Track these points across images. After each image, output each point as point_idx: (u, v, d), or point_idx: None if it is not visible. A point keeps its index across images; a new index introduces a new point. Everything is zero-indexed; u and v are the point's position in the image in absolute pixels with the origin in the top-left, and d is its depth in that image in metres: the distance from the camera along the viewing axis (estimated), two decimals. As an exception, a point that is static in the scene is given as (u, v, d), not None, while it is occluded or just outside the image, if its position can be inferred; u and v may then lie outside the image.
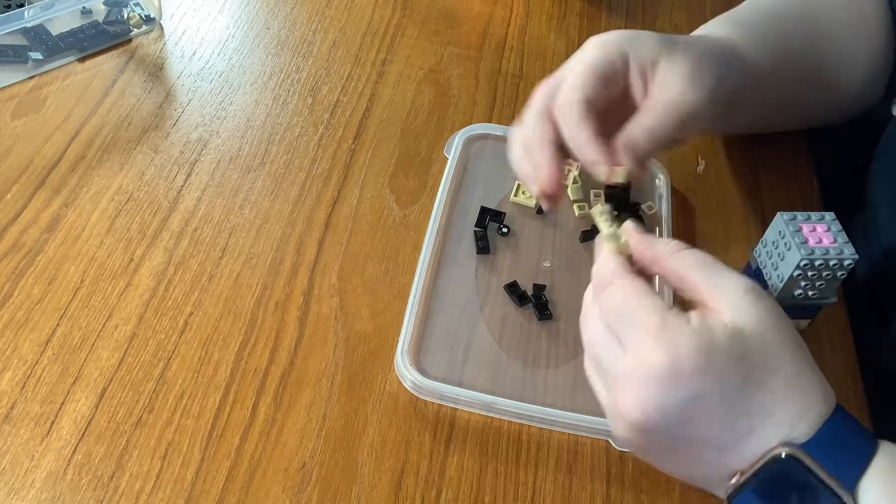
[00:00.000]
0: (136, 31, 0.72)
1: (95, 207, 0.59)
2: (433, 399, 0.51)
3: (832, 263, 0.48)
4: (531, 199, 0.61)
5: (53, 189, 0.60)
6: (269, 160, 0.64)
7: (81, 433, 0.48)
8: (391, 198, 0.62)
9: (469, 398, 0.50)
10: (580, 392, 0.52)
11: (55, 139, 0.63)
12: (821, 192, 0.67)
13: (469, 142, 0.66)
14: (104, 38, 0.71)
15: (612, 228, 0.45)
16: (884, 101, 0.65)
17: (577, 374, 0.53)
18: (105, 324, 0.53)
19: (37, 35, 0.69)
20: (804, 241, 0.48)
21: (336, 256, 0.58)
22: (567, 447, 0.50)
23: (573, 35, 0.78)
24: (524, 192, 0.62)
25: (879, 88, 0.64)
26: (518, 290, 0.56)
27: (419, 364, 0.52)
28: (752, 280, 0.40)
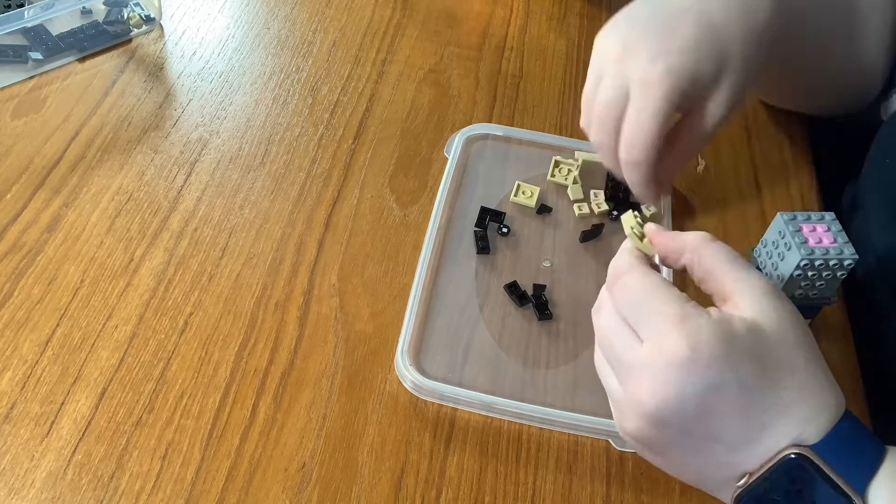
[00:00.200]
0: (136, 31, 0.72)
1: (95, 207, 0.59)
2: (433, 399, 0.51)
3: (832, 263, 0.48)
4: (531, 199, 0.61)
5: (53, 189, 0.60)
6: (269, 160, 0.64)
7: (81, 433, 0.48)
8: (391, 198, 0.62)
9: (469, 398, 0.50)
10: (580, 392, 0.52)
11: (55, 139, 0.63)
12: (821, 192, 0.67)
13: (469, 142, 0.66)
14: (104, 38, 0.71)
15: (636, 231, 0.45)
16: (880, 100, 0.64)
17: (577, 374, 0.53)
18: (105, 324, 0.53)
19: (37, 35, 0.69)
20: (804, 241, 0.48)
21: (336, 256, 0.58)
22: (567, 447, 0.50)
23: (573, 35, 0.78)
24: (524, 192, 0.62)
25: (880, 79, 0.64)
26: (518, 290, 0.56)
27: (419, 364, 0.52)
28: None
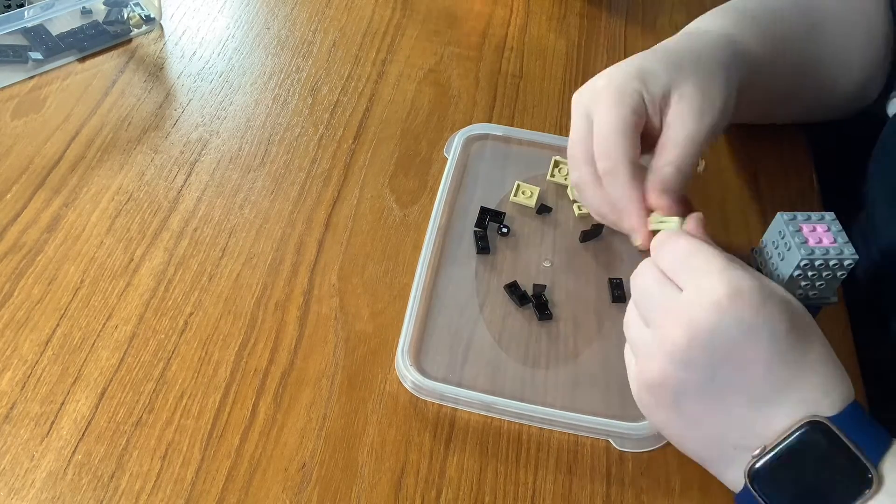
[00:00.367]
0: (136, 31, 0.72)
1: (95, 207, 0.59)
2: (433, 399, 0.51)
3: (832, 263, 0.48)
4: (531, 199, 0.61)
5: (53, 189, 0.60)
6: (269, 160, 0.64)
7: (81, 433, 0.48)
8: (391, 198, 0.62)
9: (469, 398, 0.50)
10: (580, 392, 0.52)
11: (55, 139, 0.63)
12: (821, 192, 0.67)
13: (469, 142, 0.66)
14: (104, 38, 0.71)
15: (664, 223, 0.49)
16: (881, 100, 0.65)
17: (577, 374, 0.53)
18: (105, 324, 0.53)
19: (37, 35, 0.69)
20: (804, 241, 0.48)
21: (336, 256, 0.58)
22: (567, 447, 0.50)
23: (573, 35, 0.78)
24: (524, 192, 0.62)
25: (877, 86, 0.64)
26: (518, 290, 0.56)
27: (419, 364, 0.52)
28: None
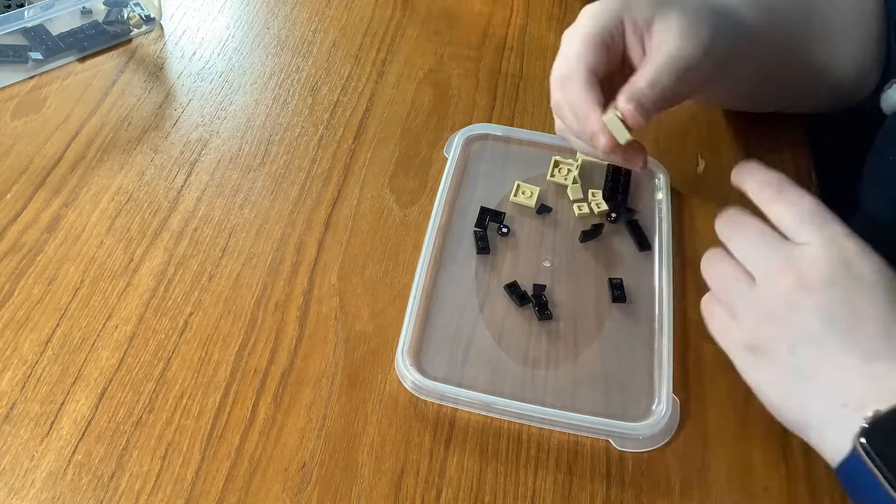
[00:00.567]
0: (136, 31, 0.73)
1: (95, 207, 0.59)
2: (433, 399, 0.51)
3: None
4: (531, 199, 0.61)
5: (53, 189, 0.60)
6: (269, 160, 0.64)
7: (81, 433, 0.48)
8: (391, 198, 0.62)
9: (469, 398, 0.50)
10: (580, 392, 0.52)
11: (55, 139, 0.63)
12: (821, 192, 0.67)
13: (469, 142, 0.66)
14: (104, 38, 0.71)
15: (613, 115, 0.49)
16: (874, 96, 0.64)
17: (577, 374, 0.53)
18: (105, 324, 0.53)
19: (37, 35, 0.69)
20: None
21: (336, 256, 0.58)
22: (567, 447, 0.50)
23: (573, 35, 0.78)
24: (524, 192, 0.62)
25: (871, 80, 0.64)
26: (518, 290, 0.56)
27: (419, 364, 0.52)
28: None
